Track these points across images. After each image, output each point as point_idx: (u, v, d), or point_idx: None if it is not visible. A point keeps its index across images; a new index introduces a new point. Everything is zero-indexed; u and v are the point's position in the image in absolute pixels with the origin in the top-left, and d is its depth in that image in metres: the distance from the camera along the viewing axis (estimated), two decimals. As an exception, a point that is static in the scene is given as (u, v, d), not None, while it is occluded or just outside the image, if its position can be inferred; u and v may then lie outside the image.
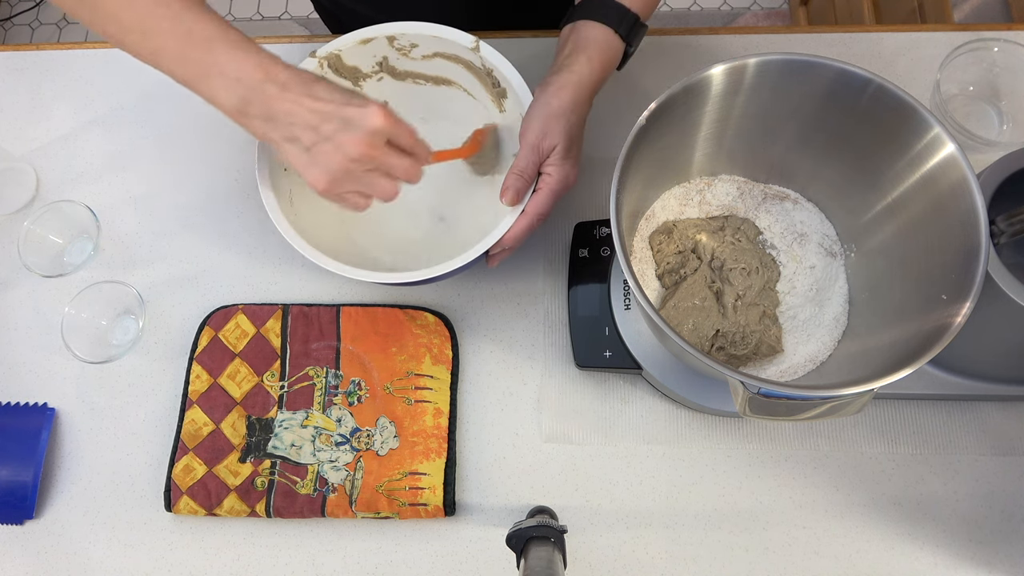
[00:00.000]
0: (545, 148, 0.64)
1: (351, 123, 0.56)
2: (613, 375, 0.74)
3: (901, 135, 0.59)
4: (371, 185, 0.59)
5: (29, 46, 0.91)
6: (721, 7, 2.01)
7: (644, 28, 0.68)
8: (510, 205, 0.65)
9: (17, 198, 0.83)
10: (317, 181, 0.57)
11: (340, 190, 0.58)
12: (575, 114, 0.64)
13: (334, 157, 0.56)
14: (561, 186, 0.66)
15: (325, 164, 0.56)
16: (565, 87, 0.63)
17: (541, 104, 0.64)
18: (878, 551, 0.68)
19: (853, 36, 0.86)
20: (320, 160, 0.56)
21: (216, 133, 0.85)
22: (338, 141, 0.56)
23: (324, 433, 0.72)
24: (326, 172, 0.57)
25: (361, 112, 0.56)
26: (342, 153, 0.56)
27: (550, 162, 0.65)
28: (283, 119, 0.56)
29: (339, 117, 0.56)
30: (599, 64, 0.65)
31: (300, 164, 0.57)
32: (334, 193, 0.58)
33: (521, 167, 0.64)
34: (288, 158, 0.58)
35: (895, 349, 0.57)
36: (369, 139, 0.56)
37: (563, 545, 0.60)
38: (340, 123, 0.56)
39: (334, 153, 0.56)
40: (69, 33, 2.12)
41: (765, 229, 0.72)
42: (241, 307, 0.77)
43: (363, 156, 0.56)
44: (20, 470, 0.73)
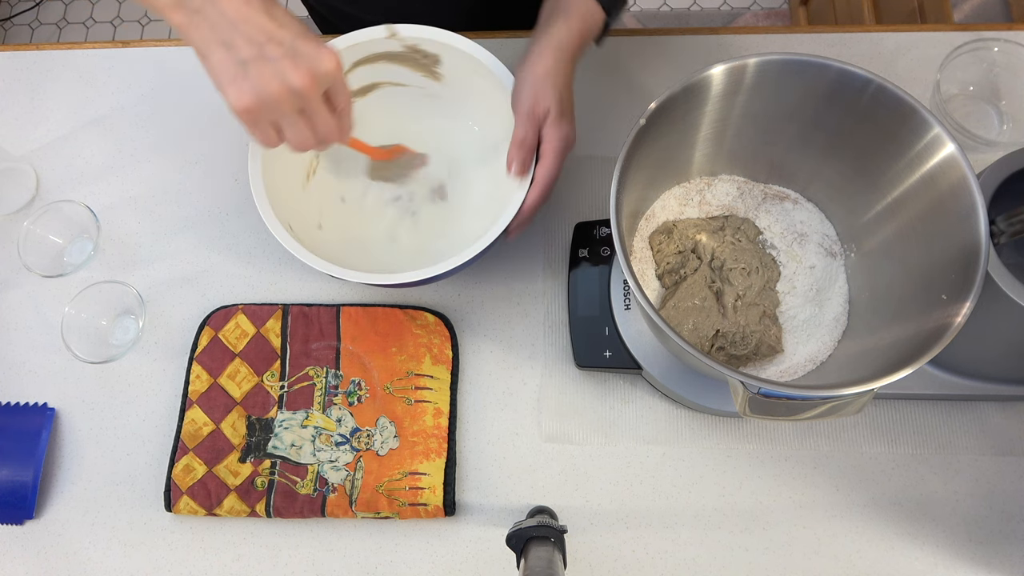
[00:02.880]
0: (540, 113, 0.64)
1: (300, 54, 0.52)
2: (613, 375, 0.74)
3: (901, 135, 0.59)
4: (292, 126, 0.55)
5: (29, 46, 0.91)
6: (721, 7, 2.01)
7: (624, 2, 0.68)
8: (518, 176, 0.65)
9: (17, 198, 0.83)
10: (241, 96, 0.52)
11: (261, 116, 0.54)
12: (560, 75, 0.64)
13: (271, 80, 0.52)
14: (563, 144, 0.66)
15: (258, 83, 0.51)
16: (545, 50, 0.64)
17: (526, 71, 0.64)
18: (878, 551, 0.68)
19: (853, 36, 0.86)
20: (254, 77, 0.51)
21: (216, 133, 0.85)
22: (281, 66, 0.52)
23: (324, 433, 0.72)
24: (256, 91, 0.52)
25: (315, 49, 0.53)
26: (281, 79, 0.52)
27: (548, 124, 0.65)
28: (226, 21, 0.51)
29: (291, 45, 0.52)
30: (577, 27, 0.65)
31: (226, 74, 0.52)
32: (252, 116, 0.54)
33: (521, 136, 0.64)
34: (213, 63, 0.52)
35: (895, 349, 0.57)
36: (313, 77, 0.53)
37: (563, 545, 0.60)
38: (289, 51, 0.52)
39: (272, 77, 0.51)
40: (69, 33, 2.12)
41: (765, 229, 0.72)
42: (241, 307, 0.77)
43: (302, 90, 0.53)
44: (20, 470, 0.73)
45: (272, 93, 0.52)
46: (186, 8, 0.51)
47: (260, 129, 0.55)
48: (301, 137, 0.57)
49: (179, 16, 0.52)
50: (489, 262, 0.78)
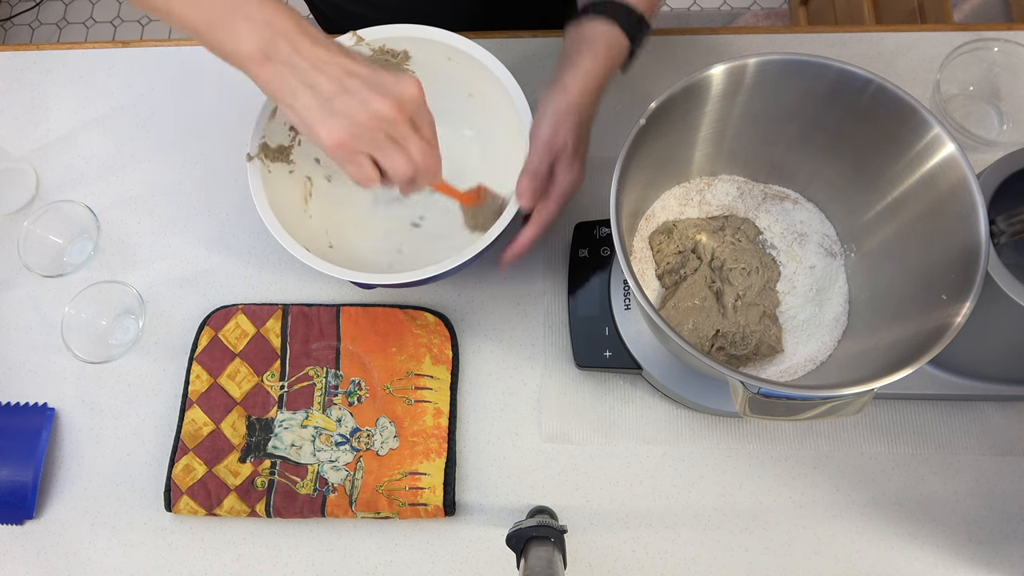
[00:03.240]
0: (558, 144, 0.63)
1: (382, 84, 0.53)
2: (613, 375, 0.74)
3: (901, 135, 0.59)
4: (388, 154, 0.55)
5: (29, 46, 0.91)
6: (721, 7, 2.01)
7: (648, 28, 0.67)
8: (528, 207, 0.64)
9: (17, 198, 0.83)
10: (334, 132, 0.52)
11: (356, 147, 0.54)
12: (584, 111, 0.64)
13: (358, 110, 0.52)
14: (572, 188, 0.65)
15: (347, 114, 0.52)
16: (574, 83, 0.63)
17: (550, 103, 0.64)
18: (878, 551, 0.68)
19: (853, 36, 0.86)
20: (341, 109, 0.52)
21: (216, 133, 0.85)
22: (365, 96, 0.52)
23: (324, 433, 0.72)
24: (346, 123, 0.52)
25: (395, 77, 0.54)
26: (368, 108, 0.52)
27: (561, 163, 0.64)
28: (309, 66, 0.52)
29: (370, 76, 0.53)
30: (604, 61, 0.64)
31: (314, 114, 0.52)
32: (348, 150, 0.54)
33: (534, 166, 0.64)
34: (300, 107, 0.53)
35: (895, 349, 0.57)
36: (400, 103, 0.53)
37: (563, 545, 0.60)
38: (371, 81, 0.53)
39: (359, 106, 0.52)
40: (69, 33, 2.12)
41: (765, 229, 0.72)
42: (241, 307, 0.77)
43: (389, 116, 0.53)
44: (20, 470, 0.73)
45: (360, 123, 0.52)
46: (273, 60, 0.53)
47: (356, 164, 0.55)
48: (398, 164, 0.56)
49: (265, 68, 0.53)
50: (489, 263, 0.78)
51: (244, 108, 0.83)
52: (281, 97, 0.54)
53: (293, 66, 0.52)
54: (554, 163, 0.64)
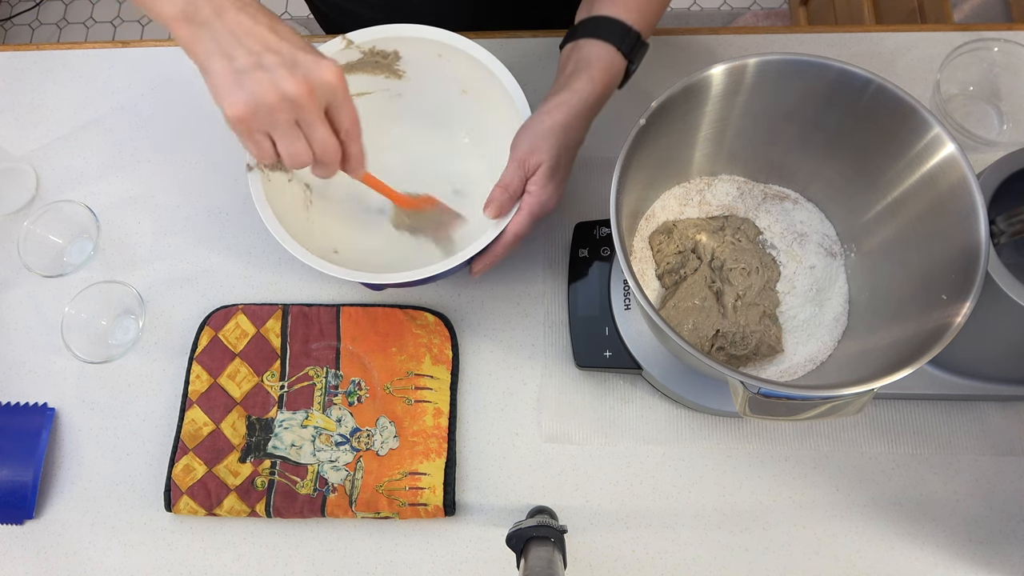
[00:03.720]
0: (531, 165, 0.63)
1: (299, 64, 0.52)
2: (613, 375, 0.74)
3: (901, 135, 0.59)
4: (286, 137, 0.54)
5: (29, 46, 0.91)
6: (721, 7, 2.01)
7: (646, 47, 0.67)
8: (493, 217, 0.64)
9: (17, 198, 0.83)
10: (235, 104, 0.51)
11: (255, 125, 0.53)
12: (567, 135, 0.63)
13: (266, 87, 0.51)
14: (540, 209, 0.65)
15: (253, 90, 0.51)
16: (561, 107, 0.62)
17: (535, 120, 0.63)
18: (878, 551, 0.68)
19: (853, 36, 0.86)
20: (248, 85, 0.51)
21: (216, 133, 0.85)
22: (278, 74, 0.51)
23: (324, 433, 0.72)
24: (249, 98, 0.51)
25: (314, 59, 0.52)
26: (276, 86, 0.51)
27: (534, 181, 0.64)
28: (228, 33, 0.51)
29: (289, 55, 0.52)
30: (601, 83, 0.64)
31: (223, 83, 0.52)
32: (246, 126, 0.53)
33: (506, 181, 0.63)
34: (211, 73, 0.52)
35: (895, 349, 0.57)
36: (310, 86, 0.52)
37: (563, 545, 0.60)
38: (288, 60, 0.52)
39: (268, 84, 0.51)
40: (69, 33, 2.12)
41: (765, 229, 0.72)
42: (241, 307, 0.77)
43: (297, 98, 0.52)
44: (20, 470, 0.73)
45: (265, 100, 0.51)
46: (192, 22, 0.52)
47: (254, 140, 0.54)
48: (295, 150, 0.55)
49: (184, 30, 0.52)
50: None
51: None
52: (196, 60, 0.53)
53: (212, 30, 0.52)
54: (527, 180, 0.64)
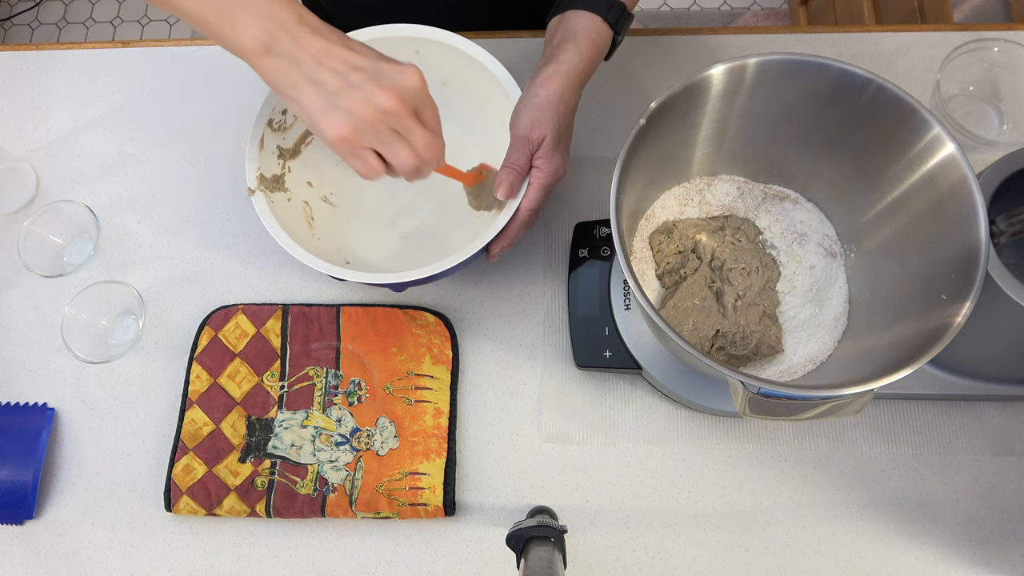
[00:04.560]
0: (535, 139, 0.64)
1: (385, 75, 0.53)
2: (613, 375, 0.74)
3: (901, 135, 0.59)
4: (391, 147, 0.55)
5: (29, 46, 0.91)
6: (721, 7, 2.01)
7: (631, 18, 0.68)
8: (504, 198, 0.65)
9: (17, 198, 0.83)
10: (337, 127, 0.52)
11: (360, 142, 0.54)
12: (564, 104, 0.64)
13: (362, 105, 0.52)
14: (551, 179, 0.66)
15: (350, 110, 0.52)
16: (553, 77, 0.63)
17: (530, 95, 0.64)
18: (878, 551, 0.68)
19: (853, 36, 0.86)
20: (344, 105, 0.52)
21: (216, 133, 0.85)
22: (368, 90, 0.52)
23: (324, 433, 0.72)
24: (350, 119, 0.52)
25: (397, 68, 0.54)
26: (371, 102, 0.52)
27: (540, 154, 0.65)
28: (311, 60, 0.52)
29: (373, 69, 0.53)
30: (588, 54, 0.64)
31: (318, 109, 0.53)
32: (352, 145, 0.54)
33: (513, 159, 0.64)
34: (304, 102, 0.53)
35: (895, 349, 0.57)
36: (402, 95, 0.53)
37: (563, 545, 0.60)
38: (373, 74, 0.53)
39: (362, 101, 0.52)
40: (69, 33, 2.12)
41: (765, 229, 0.72)
42: (241, 307, 0.77)
43: (393, 110, 0.53)
44: (20, 470, 0.73)
45: (364, 117, 0.52)
46: (273, 53, 0.52)
47: (360, 158, 0.55)
48: (403, 157, 0.55)
49: (267, 62, 0.53)
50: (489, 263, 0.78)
51: (244, 108, 0.83)
52: (284, 91, 0.54)
53: (295, 60, 0.52)
54: (533, 156, 0.65)
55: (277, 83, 0.54)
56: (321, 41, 0.53)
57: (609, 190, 0.57)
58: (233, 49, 0.53)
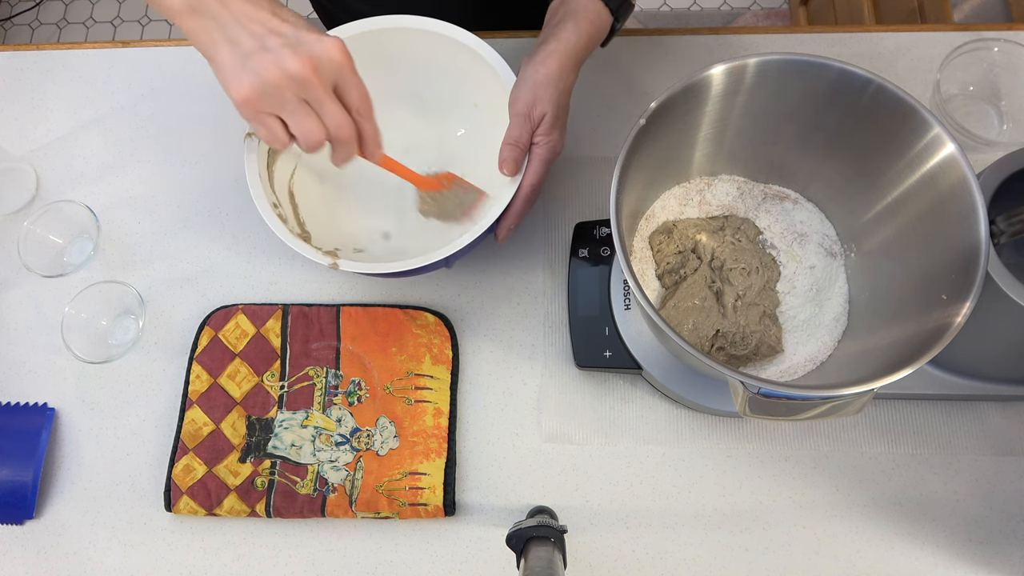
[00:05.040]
0: (536, 116, 0.65)
1: (302, 43, 0.52)
2: (613, 375, 0.74)
3: (901, 135, 0.59)
4: (295, 116, 0.54)
5: (29, 46, 0.91)
6: (721, 7, 2.01)
7: (631, 7, 0.69)
8: (510, 175, 0.66)
9: (17, 198, 0.83)
10: (241, 87, 0.52)
11: (262, 107, 0.53)
12: (563, 82, 0.65)
13: (270, 67, 0.51)
14: (551, 154, 0.67)
15: (258, 71, 0.51)
16: (552, 55, 0.64)
17: (529, 73, 0.65)
18: (878, 551, 0.68)
19: (853, 36, 0.86)
20: (254, 66, 0.52)
21: (216, 133, 0.85)
22: (281, 54, 0.52)
23: (324, 433, 0.72)
24: (254, 79, 0.52)
25: (317, 38, 0.53)
26: (279, 66, 0.51)
27: (540, 131, 0.66)
28: (232, 19, 0.52)
29: (293, 35, 0.53)
30: (587, 34, 0.65)
31: (228, 67, 0.52)
32: (254, 108, 0.53)
33: (515, 136, 0.65)
34: (218, 61, 0.53)
35: (895, 349, 0.57)
36: (315, 63, 0.52)
37: (563, 545, 0.60)
38: (291, 40, 0.52)
39: (272, 64, 0.51)
40: (69, 33, 2.12)
41: (765, 229, 0.72)
42: (241, 307, 0.77)
43: (301, 76, 0.52)
44: (20, 470, 0.73)
45: (270, 80, 0.52)
46: (197, 12, 0.53)
47: (263, 123, 0.55)
48: (306, 128, 0.55)
49: (190, 21, 0.53)
50: (489, 262, 0.78)
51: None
52: (203, 50, 0.54)
53: (217, 19, 0.53)
54: (533, 132, 0.66)
55: (198, 42, 0.54)
56: (246, 5, 0.53)
57: (609, 190, 0.57)
58: (163, 10, 0.54)
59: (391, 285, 0.79)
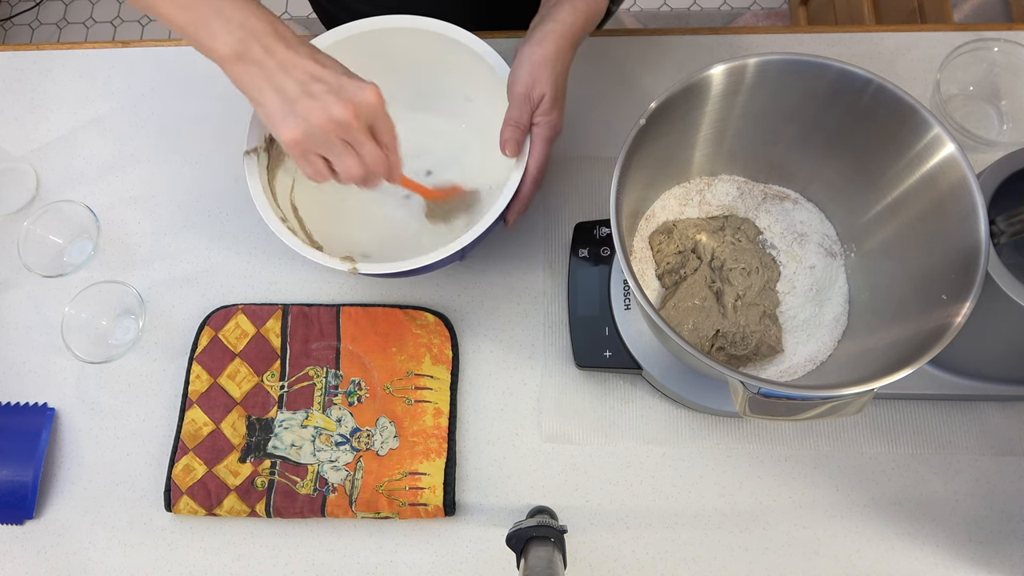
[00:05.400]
0: (535, 97, 0.66)
1: (344, 89, 0.57)
2: (613, 375, 0.74)
3: (901, 135, 0.59)
4: (340, 157, 0.59)
5: (29, 46, 0.91)
6: (721, 7, 2.01)
7: None
8: (512, 156, 0.67)
9: (17, 198, 0.83)
10: (290, 130, 0.56)
11: (309, 148, 0.58)
12: (560, 62, 0.66)
13: (316, 112, 0.56)
14: (552, 133, 0.68)
15: (304, 116, 0.56)
16: (549, 36, 0.65)
17: (527, 54, 0.65)
18: (878, 551, 0.68)
19: (853, 36, 0.86)
20: (300, 111, 0.56)
21: (216, 133, 0.85)
22: (326, 100, 0.56)
23: (324, 433, 0.72)
24: (303, 124, 0.56)
25: (357, 84, 0.57)
26: (325, 111, 0.56)
27: (540, 112, 0.66)
28: (277, 66, 0.56)
29: (334, 81, 0.57)
30: (583, 15, 0.66)
31: (277, 112, 0.57)
32: (303, 148, 0.58)
33: (515, 117, 0.66)
34: (266, 106, 0.57)
35: (895, 349, 0.57)
36: (356, 109, 0.57)
37: (563, 545, 0.60)
38: (333, 86, 0.56)
39: (317, 109, 0.56)
40: (69, 33, 2.12)
41: (765, 229, 0.72)
42: (241, 307, 0.77)
43: (344, 121, 0.56)
44: (20, 470, 0.73)
45: (317, 125, 0.56)
46: (244, 60, 0.56)
47: (309, 162, 0.59)
48: (348, 166, 0.59)
49: (238, 67, 0.57)
50: (489, 262, 0.78)
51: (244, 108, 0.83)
52: (250, 94, 0.58)
53: (263, 67, 0.56)
54: (533, 113, 0.67)
55: (245, 86, 0.58)
56: (290, 52, 0.57)
57: (609, 190, 0.57)
58: (208, 54, 0.58)
59: (391, 285, 0.79)
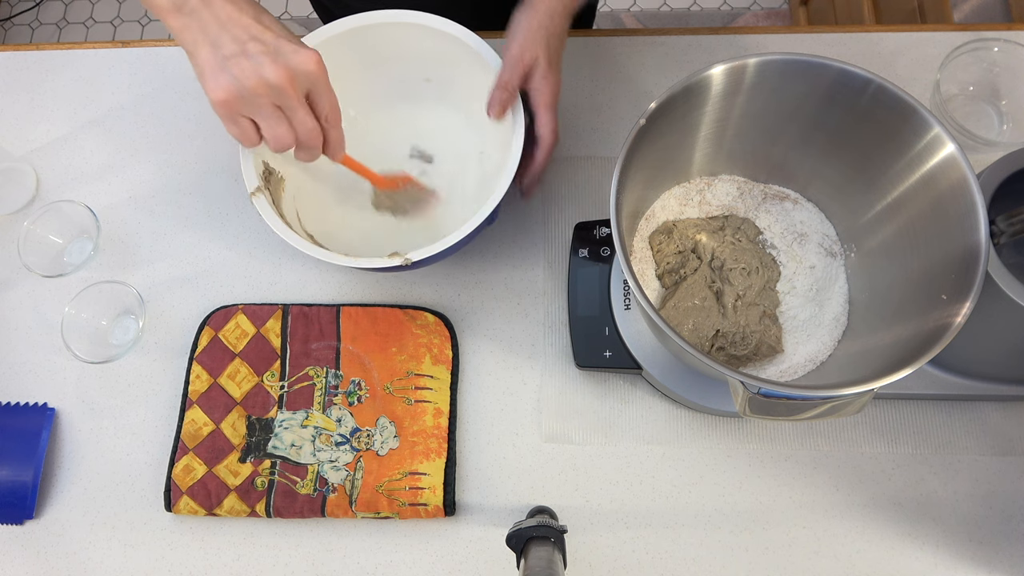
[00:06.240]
0: (528, 60, 0.66)
1: (281, 53, 0.55)
2: (613, 375, 0.74)
3: (901, 135, 0.59)
4: (269, 122, 0.57)
5: (29, 46, 0.91)
6: (721, 7, 2.01)
7: None
8: (497, 118, 0.67)
9: (17, 198, 0.83)
10: (218, 88, 0.54)
11: (237, 109, 0.56)
12: (553, 25, 0.66)
13: (248, 73, 0.54)
14: (553, 98, 0.68)
15: (235, 75, 0.54)
16: (541, 2, 0.65)
17: (521, 19, 0.66)
18: (878, 551, 0.68)
19: (853, 36, 0.86)
20: (232, 70, 0.54)
21: (217, 133, 0.85)
22: (260, 61, 0.54)
23: (324, 433, 0.72)
24: (232, 83, 0.54)
25: (295, 48, 0.55)
26: (258, 73, 0.54)
27: (537, 76, 0.66)
28: (215, 21, 0.54)
29: (273, 43, 0.55)
30: None
31: (209, 68, 0.55)
32: (230, 109, 0.56)
33: (504, 79, 0.66)
34: (199, 60, 0.55)
35: (895, 349, 0.57)
36: (291, 74, 0.55)
37: (563, 545, 0.60)
38: (271, 48, 0.55)
39: (250, 69, 0.54)
40: (69, 33, 2.12)
41: (765, 229, 0.72)
42: (241, 307, 0.77)
43: (277, 85, 0.54)
44: (20, 470, 0.73)
45: (247, 86, 0.54)
46: (182, 12, 0.55)
47: (237, 124, 0.57)
48: (277, 133, 0.57)
49: (175, 19, 0.55)
50: (489, 262, 0.78)
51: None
52: (186, 48, 0.56)
53: (200, 19, 0.55)
54: (528, 78, 0.67)
55: (182, 40, 0.56)
56: (231, 7, 0.55)
57: (609, 190, 0.57)
58: (151, 9, 0.56)
59: (391, 285, 0.79)
